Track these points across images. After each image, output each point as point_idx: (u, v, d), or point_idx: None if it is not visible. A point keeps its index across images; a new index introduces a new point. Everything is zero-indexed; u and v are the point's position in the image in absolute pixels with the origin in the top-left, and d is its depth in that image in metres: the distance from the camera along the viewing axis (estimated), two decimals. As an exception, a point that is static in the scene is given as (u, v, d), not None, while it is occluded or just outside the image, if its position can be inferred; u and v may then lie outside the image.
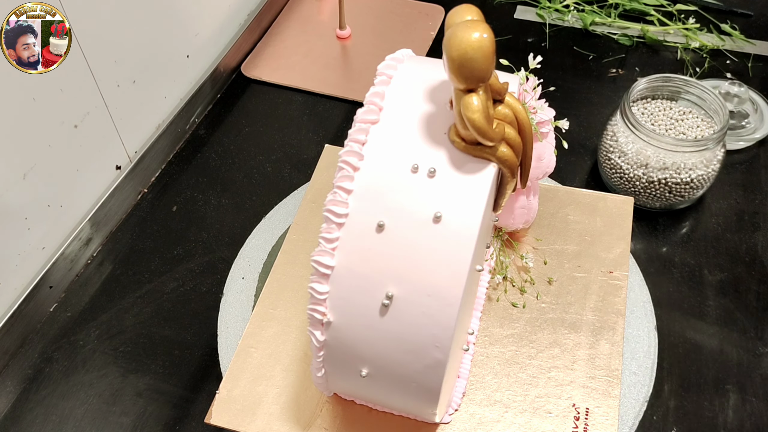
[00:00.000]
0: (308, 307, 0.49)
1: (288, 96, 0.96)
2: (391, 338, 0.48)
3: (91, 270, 0.78)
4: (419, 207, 0.47)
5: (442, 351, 0.47)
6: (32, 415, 0.67)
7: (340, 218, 0.47)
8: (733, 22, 1.02)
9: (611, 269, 0.68)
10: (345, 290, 0.48)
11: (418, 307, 0.47)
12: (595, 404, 0.59)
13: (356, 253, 0.47)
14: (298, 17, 1.07)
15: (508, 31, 1.03)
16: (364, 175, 0.48)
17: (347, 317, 0.48)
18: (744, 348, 0.69)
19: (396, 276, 0.47)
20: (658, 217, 0.80)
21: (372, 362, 0.49)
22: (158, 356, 0.70)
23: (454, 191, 0.47)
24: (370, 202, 0.47)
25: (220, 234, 0.80)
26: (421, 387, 0.50)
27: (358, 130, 0.49)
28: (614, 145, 0.79)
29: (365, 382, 0.51)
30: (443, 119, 0.49)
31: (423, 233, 0.46)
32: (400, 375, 0.49)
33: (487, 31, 0.43)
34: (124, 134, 0.82)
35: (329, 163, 0.76)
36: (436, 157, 0.48)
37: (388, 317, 0.47)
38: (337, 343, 0.49)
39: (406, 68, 0.52)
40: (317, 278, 0.48)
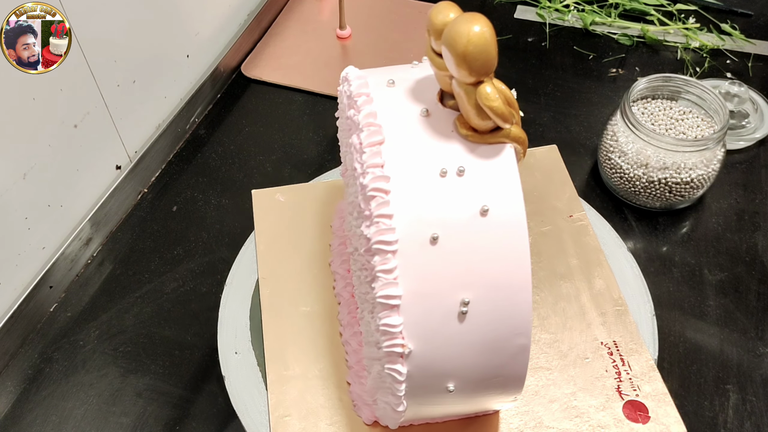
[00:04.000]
0: (383, 345, 0.47)
1: (288, 96, 0.96)
2: (475, 343, 0.47)
3: (91, 270, 0.78)
4: (463, 207, 0.46)
5: (524, 336, 0.48)
6: (32, 416, 0.67)
7: (392, 246, 0.46)
8: (733, 21, 1.02)
9: (570, 213, 0.72)
10: (418, 314, 0.46)
11: (493, 303, 0.46)
12: (618, 335, 0.64)
13: (419, 274, 0.46)
14: (298, 17, 1.07)
15: (508, 31, 1.03)
16: (398, 196, 0.47)
17: (427, 340, 0.47)
18: (744, 348, 0.69)
19: (464, 281, 0.46)
20: (658, 217, 0.80)
21: (458, 374, 0.49)
22: (158, 356, 0.70)
23: (488, 182, 0.47)
24: (415, 220, 0.46)
25: (221, 234, 0.80)
26: (508, 378, 0.50)
27: (371, 155, 0.48)
28: (614, 145, 0.79)
29: (452, 396, 0.50)
30: (443, 118, 0.49)
31: (475, 230, 0.46)
32: (487, 375, 0.49)
33: (487, 22, 0.44)
34: (124, 134, 0.82)
35: (265, 208, 0.73)
36: (457, 155, 0.48)
37: (466, 324, 0.46)
38: (421, 370, 0.48)
39: (376, 82, 0.52)
40: (388, 312, 0.46)
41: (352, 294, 0.64)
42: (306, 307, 0.67)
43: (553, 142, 0.81)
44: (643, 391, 0.60)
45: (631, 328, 0.64)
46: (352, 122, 0.51)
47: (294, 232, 0.72)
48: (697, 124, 0.79)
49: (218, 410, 0.66)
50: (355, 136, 0.49)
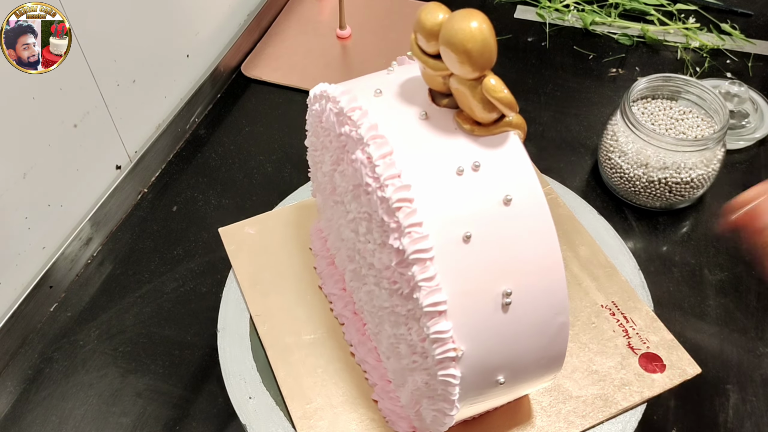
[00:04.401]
0: (436, 353, 0.46)
1: (288, 96, 0.96)
2: (520, 330, 0.48)
3: (92, 270, 0.78)
4: (487, 200, 0.47)
5: (563, 314, 0.49)
6: (32, 416, 0.67)
7: (428, 253, 0.46)
8: (733, 21, 1.02)
9: None
10: (465, 315, 0.46)
11: (532, 288, 0.47)
12: (615, 296, 0.65)
13: (459, 275, 0.46)
14: (298, 17, 1.07)
15: (508, 31, 1.03)
16: (423, 203, 0.46)
17: (476, 338, 0.47)
18: (744, 348, 0.69)
19: (502, 273, 0.46)
20: (658, 217, 0.80)
21: (507, 364, 0.49)
22: (158, 356, 0.70)
23: (504, 171, 0.48)
24: (445, 223, 0.46)
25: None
26: (550, 358, 0.51)
27: (386, 166, 0.47)
28: (614, 145, 0.79)
29: (501, 388, 0.50)
30: (442, 117, 0.49)
31: (503, 221, 0.47)
32: (533, 359, 0.50)
33: (484, 17, 0.44)
34: (124, 134, 0.82)
35: (237, 244, 0.70)
36: (468, 151, 0.48)
37: (510, 314, 0.47)
38: (472, 369, 0.48)
39: (362, 95, 0.51)
40: (437, 319, 0.46)
41: (354, 312, 0.64)
42: (309, 335, 0.65)
43: (553, 142, 0.81)
44: (652, 342, 0.63)
45: (624, 286, 0.66)
46: (349, 138, 0.50)
47: (274, 263, 0.69)
48: (697, 124, 0.79)
49: (218, 410, 0.66)
50: (359, 152, 0.48)
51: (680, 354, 0.62)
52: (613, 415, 0.59)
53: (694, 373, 0.61)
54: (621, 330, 0.64)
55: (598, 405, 0.60)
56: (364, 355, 0.62)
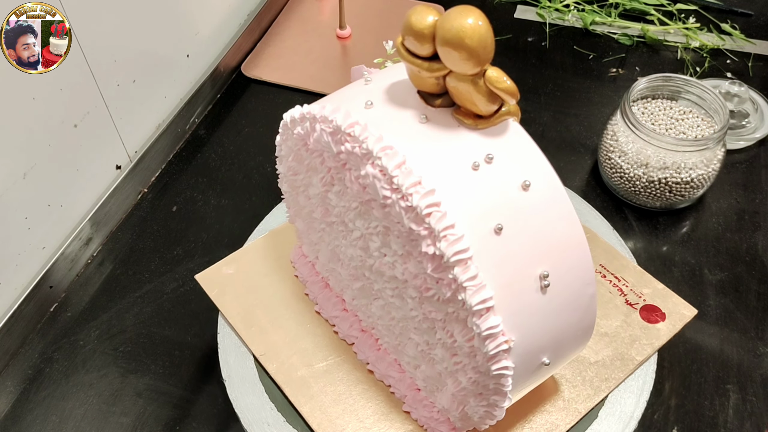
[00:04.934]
0: (489, 348, 0.47)
1: (288, 96, 0.96)
2: (558, 309, 0.49)
3: (92, 270, 0.78)
4: (507, 189, 0.47)
5: (591, 284, 0.50)
6: (32, 416, 0.67)
7: (467, 253, 0.45)
8: (733, 21, 1.02)
9: None
10: (510, 305, 0.47)
11: (564, 266, 0.48)
12: (601, 259, 0.67)
13: (497, 267, 0.46)
14: (298, 17, 1.07)
15: (508, 31, 1.03)
16: (449, 204, 0.46)
17: (522, 326, 0.47)
18: (744, 348, 0.69)
19: (536, 257, 0.47)
20: (658, 217, 0.80)
21: (550, 345, 0.50)
22: (158, 356, 0.70)
23: (516, 158, 0.48)
24: (475, 219, 0.46)
25: (220, 234, 0.80)
26: (584, 329, 0.52)
27: (403, 176, 0.47)
28: (614, 145, 0.79)
29: (546, 368, 0.51)
30: (441, 118, 0.49)
31: (526, 206, 0.47)
32: (570, 334, 0.51)
33: (478, 11, 0.44)
34: (124, 134, 0.82)
35: (218, 287, 0.68)
36: (478, 145, 0.48)
37: (549, 295, 0.48)
38: (522, 357, 0.48)
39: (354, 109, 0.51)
40: (486, 316, 0.46)
41: (362, 330, 0.63)
42: (321, 363, 0.63)
43: (553, 142, 0.81)
44: (646, 295, 0.66)
45: (606, 248, 0.69)
46: (351, 155, 0.49)
47: (262, 299, 0.67)
48: (697, 124, 0.79)
49: (218, 410, 0.66)
50: (369, 166, 0.48)
51: (675, 300, 0.65)
52: (632, 371, 0.62)
53: (692, 314, 0.64)
54: (616, 290, 0.66)
55: (616, 365, 0.62)
56: (385, 370, 0.61)
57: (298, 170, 0.60)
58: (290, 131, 0.56)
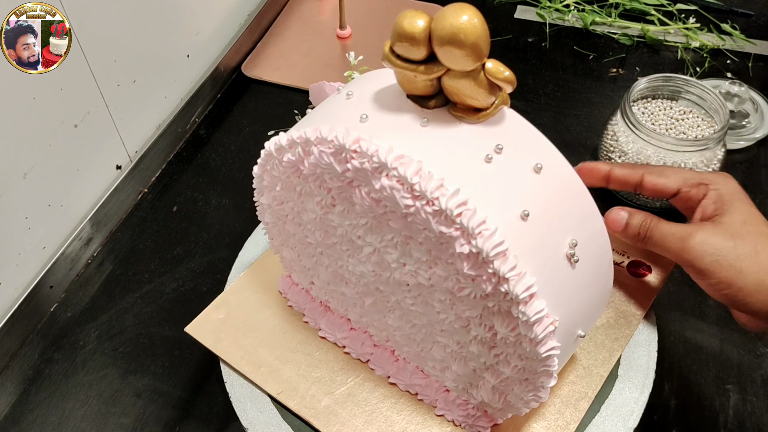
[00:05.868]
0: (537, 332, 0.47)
1: (288, 96, 0.96)
2: (588, 280, 0.50)
3: (92, 270, 0.78)
4: (523, 175, 0.48)
5: (608, 251, 0.51)
6: (32, 416, 0.67)
7: (503, 245, 0.46)
8: (733, 21, 1.02)
9: None
10: (547, 285, 0.47)
11: (585, 238, 0.49)
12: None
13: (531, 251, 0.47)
14: (298, 17, 1.07)
15: (508, 31, 1.03)
16: (474, 201, 0.46)
17: (563, 304, 0.49)
18: (744, 348, 0.69)
19: (561, 233, 0.48)
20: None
21: (583, 316, 0.51)
22: (158, 357, 0.70)
23: (522, 144, 0.50)
24: (502, 210, 0.47)
25: (221, 234, 0.80)
26: (605, 295, 0.53)
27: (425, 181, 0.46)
28: (614, 145, 0.79)
29: (580, 341, 0.53)
30: (440, 119, 0.49)
31: (542, 188, 0.48)
32: (596, 302, 0.52)
33: (471, 6, 0.45)
34: (124, 134, 0.82)
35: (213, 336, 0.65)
36: (484, 137, 0.48)
37: (578, 268, 0.49)
38: (564, 334, 0.49)
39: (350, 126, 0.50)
40: (531, 302, 0.46)
41: (374, 345, 0.63)
42: (341, 387, 0.62)
43: (553, 142, 0.81)
44: (629, 252, 0.67)
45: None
46: (359, 172, 0.49)
47: (262, 337, 0.65)
48: (697, 124, 0.79)
49: (218, 411, 0.66)
50: (384, 179, 0.47)
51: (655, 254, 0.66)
52: (637, 326, 0.63)
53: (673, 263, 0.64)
54: None
55: (621, 323, 0.63)
56: (409, 380, 0.61)
57: (286, 198, 0.58)
58: (276, 160, 0.54)
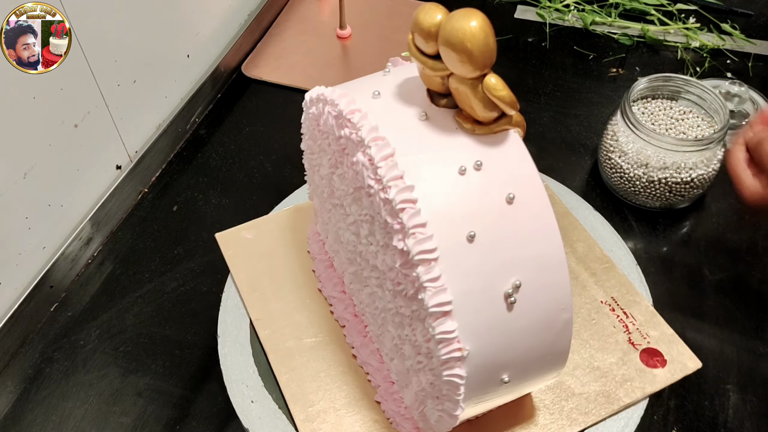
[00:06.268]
0: (441, 353, 0.46)
1: (288, 96, 0.96)
2: (525, 328, 0.48)
3: (92, 270, 0.78)
4: (490, 200, 0.47)
5: (567, 309, 0.49)
6: (32, 415, 0.67)
7: (433, 254, 0.46)
8: (733, 21, 1.02)
9: None
10: (470, 314, 0.46)
11: (537, 286, 0.47)
12: (614, 291, 0.66)
13: (463, 274, 0.46)
14: (298, 17, 1.07)
15: (508, 31, 1.03)
16: (426, 203, 0.46)
17: (481, 337, 0.47)
18: (744, 348, 0.69)
19: (508, 272, 0.46)
20: (658, 217, 0.80)
21: (512, 363, 0.49)
22: (159, 356, 0.70)
23: (506, 170, 0.48)
24: (449, 223, 0.46)
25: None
26: (555, 355, 0.51)
27: (388, 168, 0.47)
28: (614, 145, 0.79)
29: (506, 386, 0.50)
30: (441, 118, 0.49)
31: (507, 220, 0.47)
32: (537, 356, 0.50)
33: (483, 16, 0.44)
34: (124, 134, 0.82)
35: (235, 249, 0.72)
36: (470, 150, 0.48)
37: (516, 312, 0.47)
38: (478, 369, 0.48)
39: (360, 97, 0.51)
40: (442, 320, 0.46)
41: (355, 314, 0.64)
42: (310, 338, 0.65)
43: (553, 142, 0.81)
44: (652, 337, 0.64)
45: (622, 280, 0.68)
46: (349, 141, 0.50)
47: (272, 267, 0.69)
48: (697, 124, 0.79)
49: (218, 410, 0.66)
50: (360, 154, 0.48)
51: (681, 348, 0.63)
52: (616, 412, 0.60)
53: (695, 367, 0.62)
54: (621, 325, 0.65)
55: (600, 401, 0.60)
56: (366, 357, 0.62)
57: (313, 149, 0.61)
58: (308, 110, 0.58)
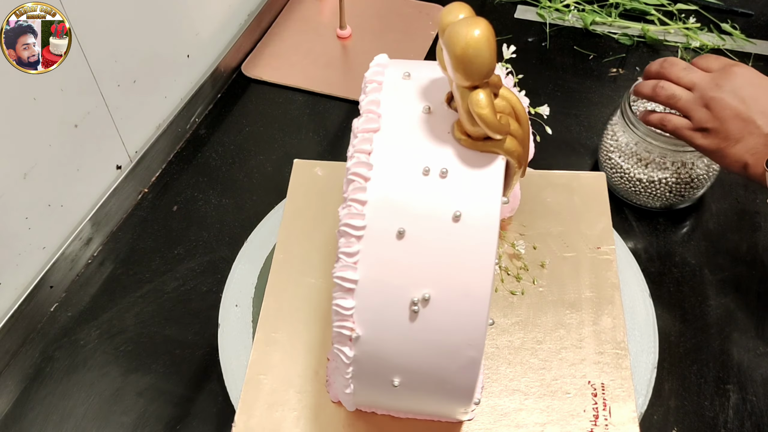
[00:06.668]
0: (334, 324, 0.47)
1: (288, 96, 0.96)
2: (424, 344, 0.47)
3: (92, 270, 0.78)
4: (437, 209, 0.46)
5: (476, 349, 0.47)
6: (33, 414, 0.67)
7: (358, 231, 0.46)
8: (733, 21, 1.02)
9: (598, 245, 0.69)
10: (371, 302, 0.47)
11: (448, 309, 0.46)
12: (609, 378, 0.61)
13: (379, 263, 0.46)
14: (298, 17, 1.07)
15: (508, 31, 1.03)
16: (376, 184, 0.47)
17: (376, 329, 0.47)
18: (744, 348, 0.69)
19: (422, 281, 0.46)
20: (658, 217, 0.80)
21: (404, 371, 0.49)
22: (159, 356, 0.70)
23: (468, 189, 0.47)
24: (387, 211, 0.46)
25: (221, 233, 0.80)
26: (455, 388, 0.49)
27: (361, 140, 0.48)
28: (614, 145, 0.79)
29: (397, 391, 0.50)
30: (443, 118, 0.49)
31: (444, 235, 0.46)
32: (433, 379, 0.49)
33: (488, 27, 0.43)
34: (124, 134, 0.82)
35: (302, 178, 0.75)
36: (445, 156, 0.48)
37: (418, 324, 0.46)
38: (367, 357, 0.48)
39: (393, 72, 0.52)
40: (342, 294, 0.47)
41: None
42: (312, 279, 0.67)
43: (553, 142, 0.81)
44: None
45: (625, 374, 0.61)
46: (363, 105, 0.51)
47: (321, 207, 0.72)
48: (697, 124, 0.79)
49: (219, 409, 0.66)
50: (355, 120, 0.50)
51: None
52: None
53: None
54: (592, 413, 0.59)
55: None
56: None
57: None
58: None
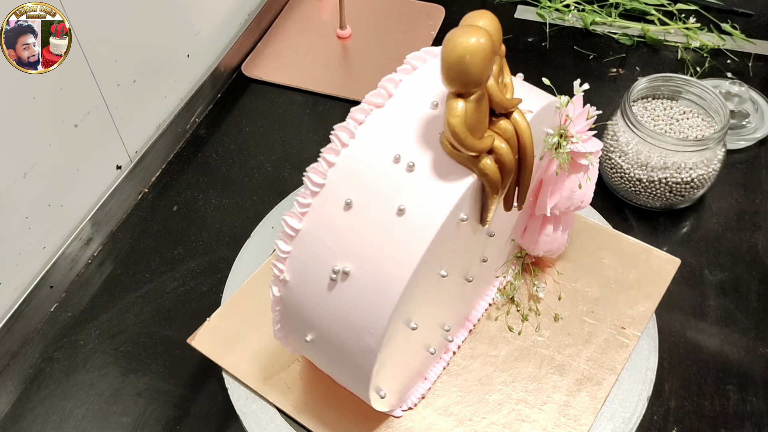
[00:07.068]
0: (272, 262, 0.51)
1: (288, 96, 0.96)
2: (334, 312, 0.49)
3: (92, 270, 0.78)
4: (388, 197, 0.48)
5: (374, 339, 0.48)
6: (33, 415, 0.67)
7: (315, 186, 0.49)
8: (733, 21, 1.02)
9: (625, 325, 0.65)
10: (304, 254, 0.50)
11: (361, 290, 0.48)
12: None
13: (321, 223, 0.49)
14: (298, 17, 1.07)
15: (508, 31, 1.03)
16: (349, 152, 0.50)
17: (299, 282, 0.50)
18: (744, 348, 0.69)
19: (350, 254, 0.48)
20: (658, 217, 0.80)
21: (316, 330, 0.51)
22: (159, 356, 0.70)
23: (424, 190, 0.47)
24: (346, 179, 0.49)
25: (221, 234, 0.80)
26: (355, 368, 0.51)
27: (360, 109, 0.51)
28: (615, 145, 0.79)
29: (309, 346, 0.53)
30: (443, 118, 0.49)
31: (384, 223, 0.47)
32: (338, 350, 0.51)
33: (485, 37, 0.43)
34: (124, 134, 0.82)
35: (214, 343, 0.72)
36: (421, 153, 0.48)
37: (334, 293, 0.49)
38: (290, 302, 0.51)
39: (435, 63, 0.52)
40: (283, 237, 0.50)
41: None
42: None
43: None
44: None
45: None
46: None
47: None
48: (697, 124, 0.79)
49: (218, 410, 0.66)
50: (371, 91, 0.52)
51: None
52: None
53: None
54: None
55: None
56: None
57: None
58: None
